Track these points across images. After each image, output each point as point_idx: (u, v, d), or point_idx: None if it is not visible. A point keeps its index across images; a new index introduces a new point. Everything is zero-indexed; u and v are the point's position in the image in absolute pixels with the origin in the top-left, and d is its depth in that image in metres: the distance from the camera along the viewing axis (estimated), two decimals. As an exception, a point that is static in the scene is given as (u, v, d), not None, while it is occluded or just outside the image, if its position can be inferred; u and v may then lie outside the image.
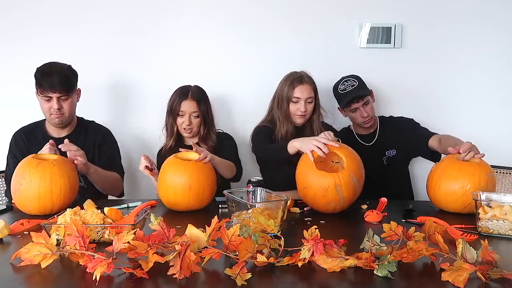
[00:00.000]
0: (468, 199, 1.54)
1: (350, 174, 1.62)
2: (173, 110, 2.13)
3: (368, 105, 2.23)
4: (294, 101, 2.12)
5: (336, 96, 2.29)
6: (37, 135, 2.05)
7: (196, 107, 2.12)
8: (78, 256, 1.07)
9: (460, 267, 1.01)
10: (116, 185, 2.05)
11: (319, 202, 1.62)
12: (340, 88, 2.24)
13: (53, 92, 1.91)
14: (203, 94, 2.18)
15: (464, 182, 1.61)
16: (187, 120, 2.12)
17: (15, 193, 1.63)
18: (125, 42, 2.44)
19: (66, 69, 1.98)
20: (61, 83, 1.92)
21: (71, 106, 2.00)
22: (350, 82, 2.22)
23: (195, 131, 2.17)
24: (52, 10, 2.40)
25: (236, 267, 1.03)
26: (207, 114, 2.18)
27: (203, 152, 1.78)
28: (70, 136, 2.04)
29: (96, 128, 2.15)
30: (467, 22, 2.47)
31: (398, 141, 2.26)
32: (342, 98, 2.23)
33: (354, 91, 2.19)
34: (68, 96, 1.96)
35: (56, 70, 1.94)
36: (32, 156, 1.68)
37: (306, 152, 1.71)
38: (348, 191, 1.61)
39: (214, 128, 2.23)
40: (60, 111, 1.95)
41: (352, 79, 2.24)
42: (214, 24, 2.46)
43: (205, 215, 1.46)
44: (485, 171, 1.64)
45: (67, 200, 1.64)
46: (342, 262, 1.07)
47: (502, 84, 2.51)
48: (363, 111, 2.21)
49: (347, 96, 2.20)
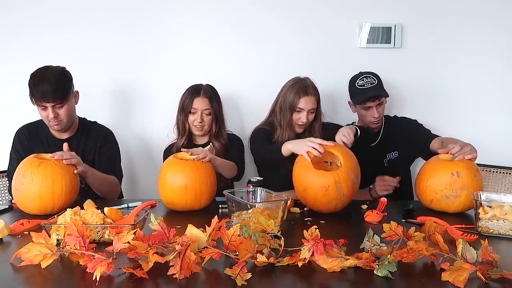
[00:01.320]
0: (431, 194, 1.65)
1: (348, 171, 1.62)
2: (185, 107, 2.13)
3: (381, 106, 2.17)
4: (297, 110, 2.11)
5: (352, 90, 2.21)
6: (40, 135, 2.04)
7: (208, 104, 2.13)
8: (78, 256, 1.07)
9: (460, 267, 1.01)
10: (114, 189, 2.02)
11: (320, 202, 1.62)
12: (358, 83, 2.16)
13: (47, 102, 1.86)
14: (214, 93, 2.19)
15: (428, 179, 1.68)
16: (199, 117, 2.12)
17: (16, 192, 1.63)
18: (127, 42, 2.44)
19: (59, 75, 1.91)
20: (53, 91, 1.85)
21: (69, 111, 1.94)
22: (370, 80, 2.15)
23: (206, 129, 2.16)
24: (53, 10, 2.40)
25: (236, 267, 1.03)
26: (219, 112, 2.18)
27: (202, 152, 1.78)
28: (72, 137, 2.03)
29: (98, 129, 2.13)
30: (467, 22, 2.47)
31: (401, 142, 2.23)
32: (359, 94, 2.16)
33: (373, 89, 2.13)
34: (63, 103, 1.90)
35: (48, 78, 1.86)
36: (34, 156, 1.68)
37: (301, 154, 1.71)
38: (348, 188, 1.61)
39: (225, 127, 2.24)
40: (57, 118, 1.91)
41: (372, 76, 2.16)
42: (214, 23, 2.46)
43: (205, 215, 1.46)
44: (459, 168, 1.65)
45: (68, 200, 1.64)
46: (342, 262, 1.07)
47: (502, 84, 2.51)
48: (375, 112, 2.15)
49: (364, 93, 2.13)
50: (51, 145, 1.97)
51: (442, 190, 1.63)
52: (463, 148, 1.70)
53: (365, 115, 2.20)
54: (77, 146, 2.00)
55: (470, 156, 1.68)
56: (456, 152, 1.69)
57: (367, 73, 2.19)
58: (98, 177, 1.90)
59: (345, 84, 2.27)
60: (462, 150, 1.69)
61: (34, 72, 1.90)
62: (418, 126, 2.25)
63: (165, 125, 2.33)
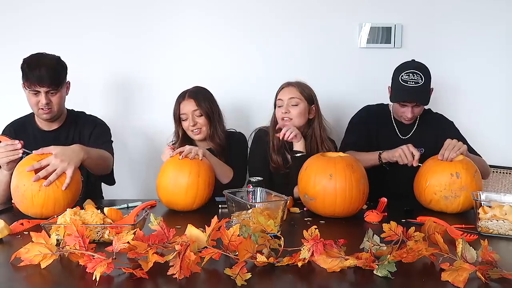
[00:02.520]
0: (430, 194, 1.66)
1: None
2: (175, 115, 2.08)
3: (418, 108, 2.02)
4: (279, 105, 2.03)
5: (394, 80, 2.03)
6: (27, 129, 1.98)
7: (195, 105, 2.04)
8: (78, 256, 1.07)
9: (460, 267, 1.01)
10: (109, 164, 1.92)
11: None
12: (402, 77, 1.97)
13: (41, 87, 1.81)
14: (202, 92, 2.10)
15: (427, 179, 1.69)
16: (191, 121, 2.03)
17: (15, 193, 1.59)
18: (128, 39, 2.45)
19: (56, 62, 1.88)
20: (50, 77, 1.81)
21: (60, 100, 1.90)
22: (416, 78, 1.95)
23: (204, 131, 2.06)
24: (53, 7, 2.40)
25: (236, 267, 1.03)
26: (212, 111, 2.07)
27: (186, 148, 1.73)
28: (61, 128, 1.98)
29: (86, 118, 2.06)
30: (467, 22, 2.47)
31: (430, 141, 2.05)
32: (397, 90, 1.99)
33: (413, 92, 1.95)
34: (57, 90, 1.86)
35: (45, 63, 1.82)
36: (32, 157, 1.65)
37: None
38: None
39: (223, 126, 2.13)
40: (49, 105, 1.86)
41: (420, 74, 1.95)
42: (213, 19, 2.47)
43: (205, 215, 1.46)
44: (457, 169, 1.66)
45: (70, 203, 1.59)
46: (342, 262, 1.07)
47: (502, 84, 2.51)
48: (409, 112, 2.00)
49: (402, 92, 1.97)
50: (39, 138, 1.93)
51: (441, 190, 1.64)
52: (448, 147, 1.72)
53: (398, 109, 2.07)
54: (66, 136, 1.96)
55: (459, 152, 1.70)
56: (443, 156, 1.71)
57: (418, 68, 1.98)
58: (95, 157, 1.77)
59: (345, 84, 2.27)
60: (448, 150, 1.71)
61: (28, 57, 1.85)
62: (455, 133, 2.08)
63: (165, 124, 2.32)
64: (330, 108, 2.40)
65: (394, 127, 2.13)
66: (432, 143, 2.03)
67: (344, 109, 2.37)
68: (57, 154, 1.56)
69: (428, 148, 2.03)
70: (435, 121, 2.16)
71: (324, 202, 1.57)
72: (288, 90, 2.04)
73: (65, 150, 1.60)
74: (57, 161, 1.54)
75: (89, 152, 1.70)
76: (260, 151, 2.07)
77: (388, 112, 2.18)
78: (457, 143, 1.74)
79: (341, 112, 2.45)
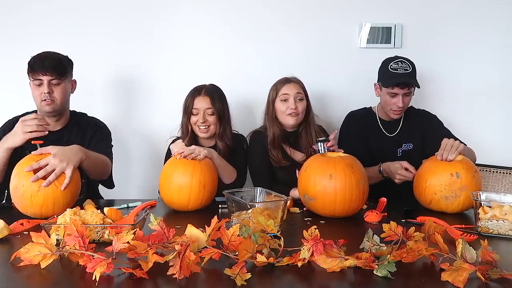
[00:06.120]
0: (430, 194, 1.66)
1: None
2: (187, 108, 2.07)
3: (408, 96, 2.09)
4: (283, 99, 2.08)
5: (383, 71, 2.11)
6: None
7: (210, 103, 2.04)
8: (78, 256, 1.07)
9: (459, 267, 1.01)
10: (106, 170, 1.92)
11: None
12: (391, 66, 2.05)
13: (44, 75, 1.83)
14: (218, 92, 2.11)
15: (427, 179, 1.69)
16: (201, 117, 2.03)
17: (14, 193, 1.58)
18: (128, 40, 2.45)
19: (62, 56, 1.93)
20: (53, 65, 1.84)
21: (63, 93, 1.90)
22: (405, 66, 2.04)
23: (212, 130, 2.07)
24: (56, 6, 2.41)
25: (236, 267, 1.03)
26: (223, 112, 2.08)
27: (188, 149, 1.74)
28: (63, 129, 1.98)
29: (89, 121, 2.06)
30: (467, 22, 2.47)
31: (417, 136, 2.16)
32: (389, 77, 2.05)
33: (405, 76, 2.03)
34: (60, 80, 1.87)
35: (49, 55, 1.88)
36: (31, 157, 1.62)
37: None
38: None
39: (231, 128, 2.14)
40: (51, 96, 1.85)
41: (408, 63, 2.06)
42: (215, 21, 2.47)
43: (205, 215, 1.46)
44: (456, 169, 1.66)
45: (70, 203, 1.58)
46: (341, 262, 1.07)
47: (501, 84, 2.51)
48: (400, 100, 2.05)
49: (395, 77, 2.03)
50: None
51: (441, 190, 1.64)
52: (446, 148, 1.72)
53: (388, 102, 2.10)
54: (68, 137, 1.96)
55: (458, 152, 1.70)
56: (441, 156, 1.72)
57: (404, 58, 2.08)
58: (93, 159, 1.77)
59: (344, 84, 2.27)
60: (446, 151, 1.72)
61: (35, 54, 1.90)
62: (439, 125, 2.19)
63: (166, 124, 2.32)
64: (330, 108, 2.41)
65: (380, 127, 2.20)
66: (419, 138, 2.16)
67: (344, 109, 2.36)
68: (56, 154, 1.56)
69: (415, 142, 2.16)
70: (419, 116, 2.23)
71: (324, 202, 1.57)
72: (293, 86, 2.10)
73: (64, 150, 1.60)
74: (56, 161, 1.54)
75: (88, 154, 1.70)
76: (258, 153, 2.10)
77: (373, 113, 2.24)
78: (454, 143, 1.74)
79: (341, 112, 2.44)
